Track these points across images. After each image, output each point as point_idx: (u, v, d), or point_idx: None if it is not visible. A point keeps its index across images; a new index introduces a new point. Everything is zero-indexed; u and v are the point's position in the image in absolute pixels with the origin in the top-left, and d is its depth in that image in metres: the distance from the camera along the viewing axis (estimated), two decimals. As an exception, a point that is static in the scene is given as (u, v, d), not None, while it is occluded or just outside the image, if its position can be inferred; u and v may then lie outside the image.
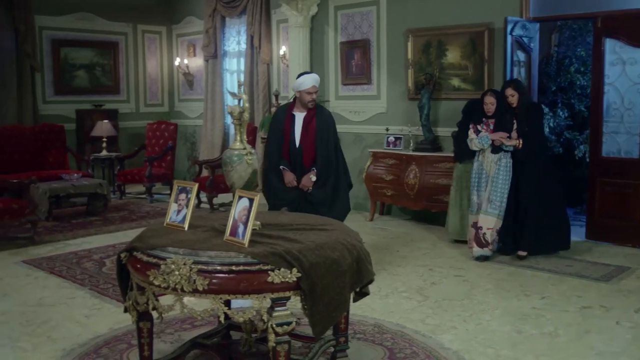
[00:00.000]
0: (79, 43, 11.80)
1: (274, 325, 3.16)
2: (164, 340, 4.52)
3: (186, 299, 3.24)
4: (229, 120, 11.64)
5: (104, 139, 10.92)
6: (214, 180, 9.31)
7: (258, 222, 3.48)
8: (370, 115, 9.30)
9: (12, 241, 7.67)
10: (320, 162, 5.80)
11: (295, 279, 3.14)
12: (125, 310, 3.68)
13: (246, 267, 3.13)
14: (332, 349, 4.07)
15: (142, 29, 12.67)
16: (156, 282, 3.20)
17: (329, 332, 3.95)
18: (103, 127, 11.04)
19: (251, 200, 3.30)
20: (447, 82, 8.34)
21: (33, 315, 5.10)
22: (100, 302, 5.44)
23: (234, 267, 3.12)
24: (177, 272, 3.12)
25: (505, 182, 6.58)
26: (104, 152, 10.89)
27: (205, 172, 9.82)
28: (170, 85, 13.07)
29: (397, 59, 8.88)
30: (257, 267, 3.13)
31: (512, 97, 6.57)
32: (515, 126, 6.62)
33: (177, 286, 3.13)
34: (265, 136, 9.92)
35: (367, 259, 3.68)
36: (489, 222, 6.60)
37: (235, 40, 11.51)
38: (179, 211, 3.67)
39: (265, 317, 3.18)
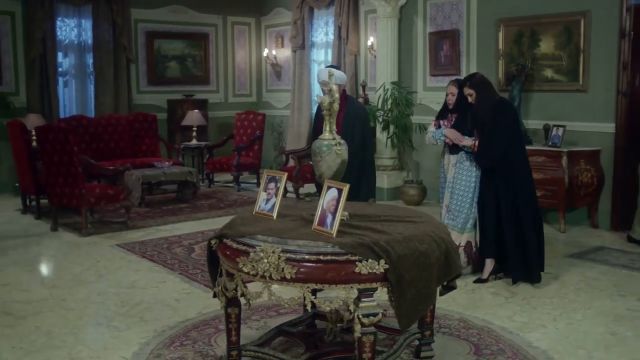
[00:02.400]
0: (172, 35, 12.15)
1: (360, 316, 3.15)
2: (250, 326, 4.60)
3: (273, 287, 3.29)
4: (315, 110, 11.70)
5: (194, 128, 11.21)
6: (301, 170, 9.40)
7: (346, 213, 3.48)
8: (459, 106, 9.13)
9: (107, 225, 8.01)
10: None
11: (382, 271, 3.12)
12: (215, 296, 3.77)
13: (334, 257, 3.14)
14: (417, 342, 4.05)
15: (232, 20, 12.90)
16: (245, 269, 3.26)
17: (414, 325, 3.93)
18: (193, 117, 11.32)
19: (340, 191, 3.31)
20: (539, 73, 8.09)
21: (126, 297, 5.30)
22: (189, 287, 5.60)
23: (321, 257, 3.14)
24: (265, 260, 3.16)
25: (466, 189, 5.62)
26: (194, 141, 11.17)
27: (291, 162, 9.92)
28: (258, 76, 13.26)
29: (487, 50, 8.69)
30: (345, 257, 3.13)
31: (470, 96, 5.55)
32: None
33: (265, 274, 3.17)
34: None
35: (455, 253, 3.63)
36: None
37: (323, 31, 11.56)
38: (267, 200, 3.72)
39: (351, 308, 3.18)
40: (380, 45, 9.72)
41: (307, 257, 3.15)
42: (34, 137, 8.41)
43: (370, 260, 3.12)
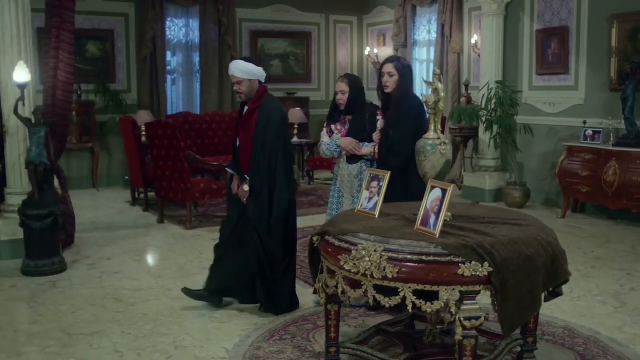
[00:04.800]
0: (275, 34, 12.38)
1: (462, 319, 3.10)
2: (348, 324, 4.61)
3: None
4: (416, 109, 11.60)
5: (295, 126, 11.34)
6: (400, 170, 9.32)
7: (449, 214, 3.43)
8: (566, 107, 8.80)
9: (210, 219, 8.25)
10: (253, 167, 4.76)
11: (486, 274, 3.06)
12: (315, 292, 3.81)
13: (436, 258, 3.10)
14: (519, 349, 3.94)
15: (334, 19, 12.99)
16: (346, 267, 3.27)
17: (517, 331, 3.82)
18: (295, 114, 11.46)
19: (444, 191, 3.26)
20: (656, 72, 7.68)
21: (229, 290, 5.42)
22: (289, 282, 5.67)
23: (424, 257, 3.10)
24: (367, 259, 3.16)
25: None
26: (295, 139, 11.29)
27: (391, 161, 9.86)
28: (359, 74, 13.26)
29: (599, 47, 8.32)
30: (448, 258, 3.09)
31: (390, 77, 4.70)
32: (379, 125, 4.88)
33: (367, 272, 3.17)
34: (455, 127, 9.80)
35: (563, 258, 3.50)
36: None
37: (426, 29, 11.44)
38: (370, 198, 3.72)
39: (453, 310, 3.13)
40: (484, 43, 9.51)
41: (409, 257, 3.12)
42: (144, 133, 8.77)
43: (473, 262, 3.06)
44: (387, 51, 12.39)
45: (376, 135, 4.84)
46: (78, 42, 7.18)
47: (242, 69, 4.76)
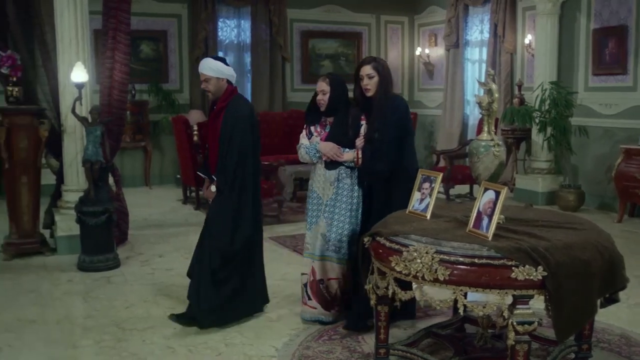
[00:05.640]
0: (326, 34, 12.39)
1: (515, 323, 3.06)
2: (397, 325, 4.59)
3: (424, 287, 3.25)
4: (468, 110, 11.50)
5: (344, 126, 11.33)
6: (452, 171, 9.24)
7: (502, 216, 3.38)
8: (624, 108, 8.57)
9: (260, 218, 8.29)
10: (219, 168, 4.63)
11: (540, 278, 3.00)
12: (366, 293, 3.80)
13: (489, 261, 3.06)
14: (572, 356, 3.86)
15: (385, 19, 12.93)
16: (397, 268, 3.25)
17: (571, 338, 3.74)
18: (345, 115, 11.45)
19: (497, 193, 3.22)
20: None
21: (278, 289, 5.44)
22: (338, 283, 5.67)
23: (476, 260, 3.07)
24: (418, 260, 3.14)
25: (349, 212, 4.50)
26: (345, 139, 11.30)
27: (442, 162, 9.78)
28: (410, 75, 13.20)
29: (659, 47, 8.09)
30: (501, 261, 3.04)
31: (369, 79, 4.41)
32: (363, 130, 4.53)
33: (418, 274, 3.15)
34: (507, 128, 9.66)
35: (621, 263, 3.42)
36: (330, 270, 4.55)
37: (478, 29, 11.30)
38: (421, 200, 3.70)
39: (505, 314, 3.09)
40: (538, 43, 9.34)
41: (461, 259, 3.10)
42: (195, 132, 8.89)
43: (527, 266, 3.02)
44: (438, 51, 12.30)
45: (359, 141, 4.47)
46: (132, 42, 7.31)
47: (211, 67, 4.63)
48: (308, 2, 12.17)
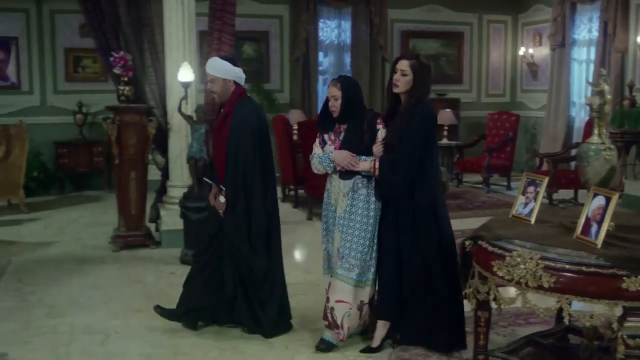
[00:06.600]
0: (427, 34, 12.27)
1: (625, 337, 2.92)
2: (496, 332, 4.47)
3: (527, 294, 3.16)
4: (573, 112, 11.09)
5: (445, 128, 11.19)
6: (555, 175, 8.94)
7: (612, 223, 3.23)
8: None
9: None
10: (228, 178, 4.41)
11: (654, 289, 2.85)
12: (465, 297, 3.73)
13: (597, 270, 2.94)
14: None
15: (488, 18, 12.67)
16: (500, 274, 3.18)
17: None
18: (445, 116, 11.30)
19: (607, 199, 3.09)
20: None
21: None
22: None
23: (584, 268, 2.95)
24: (522, 266, 3.06)
25: (365, 226, 4.09)
26: (445, 140, 11.15)
27: (545, 166, 9.48)
28: (512, 75, 12.87)
29: None
30: (611, 270, 2.91)
31: (403, 76, 4.03)
32: (380, 135, 4.16)
33: (521, 280, 3.07)
34: (616, 131, 9.24)
35: None
36: (339, 291, 4.15)
37: (586, 27, 10.87)
38: (526, 204, 3.60)
39: (614, 326, 2.95)
40: (653, 43, 8.90)
41: (567, 266, 2.99)
42: (295, 132, 9.00)
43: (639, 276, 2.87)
44: (543, 51, 11.93)
45: (376, 148, 4.10)
46: (235, 43, 7.49)
47: (217, 66, 4.43)
48: (409, 2, 12.08)
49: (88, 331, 4.61)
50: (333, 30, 11.78)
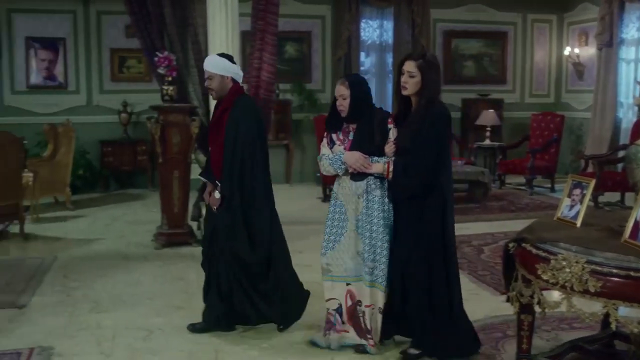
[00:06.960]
0: (469, 34, 12.17)
1: (674, 343, 2.84)
2: (540, 336, 4.40)
3: (574, 299, 3.10)
4: (621, 113, 10.86)
5: (488, 128, 11.08)
6: (601, 177, 8.76)
7: (662, 227, 3.16)
8: None
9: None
10: (224, 173, 4.37)
11: None
12: (507, 300, 3.67)
13: (647, 275, 2.87)
14: None
15: (532, 18, 12.50)
16: (544, 277, 3.13)
17: None
18: (488, 116, 11.19)
19: (657, 202, 3.01)
20: None
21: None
22: (477, 288, 5.55)
23: (632, 273, 2.88)
24: (567, 270, 3.00)
25: (383, 228, 4.00)
26: (487, 141, 11.05)
27: (590, 168, 9.30)
28: (557, 76, 12.67)
29: None
30: (660, 276, 2.84)
31: (411, 78, 3.87)
32: (392, 135, 4.05)
33: (566, 284, 3.01)
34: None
35: None
36: (371, 295, 4.07)
37: (635, 26, 10.64)
38: (571, 206, 3.53)
39: (664, 333, 2.88)
40: None
41: (615, 271, 2.92)
42: (337, 132, 8.98)
43: (690, 282, 2.80)
44: (589, 51, 11.72)
45: (389, 148, 4.01)
46: (278, 43, 7.52)
47: (215, 63, 4.43)
48: (452, 2, 11.99)
49: (131, 327, 4.68)
50: (375, 30, 11.76)
